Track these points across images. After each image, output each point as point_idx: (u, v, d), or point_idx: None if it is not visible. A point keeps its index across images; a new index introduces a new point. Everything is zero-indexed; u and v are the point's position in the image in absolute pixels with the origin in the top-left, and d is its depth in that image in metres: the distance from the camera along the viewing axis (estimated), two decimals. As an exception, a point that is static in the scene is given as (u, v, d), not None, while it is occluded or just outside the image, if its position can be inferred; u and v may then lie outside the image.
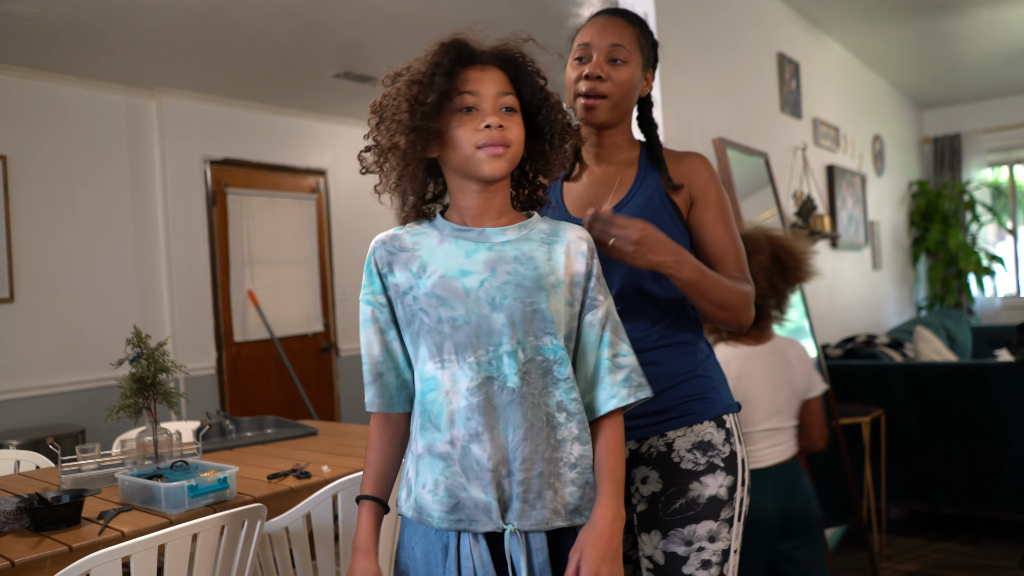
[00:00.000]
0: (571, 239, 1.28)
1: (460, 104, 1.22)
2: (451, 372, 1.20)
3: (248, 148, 5.23)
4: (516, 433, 1.18)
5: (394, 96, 1.24)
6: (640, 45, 1.53)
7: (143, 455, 2.23)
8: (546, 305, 1.22)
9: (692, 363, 1.51)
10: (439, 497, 1.20)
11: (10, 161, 4.17)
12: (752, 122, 3.81)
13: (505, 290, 1.21)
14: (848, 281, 5.11)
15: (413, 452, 1.26)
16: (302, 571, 1.90)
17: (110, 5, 3.45)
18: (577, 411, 1.23)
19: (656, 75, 1.65)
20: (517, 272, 1.22)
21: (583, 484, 1.22)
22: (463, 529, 1.19)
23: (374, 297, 1.28)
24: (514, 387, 1.19)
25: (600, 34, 1.51)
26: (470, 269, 1.22)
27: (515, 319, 1.20)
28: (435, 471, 1.20)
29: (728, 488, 1.45)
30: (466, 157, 1.22)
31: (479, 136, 1.21)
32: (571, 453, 1.21)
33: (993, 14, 4.78)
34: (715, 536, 1.43)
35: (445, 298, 1.21)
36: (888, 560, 3.51)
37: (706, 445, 1.46)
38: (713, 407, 1.49)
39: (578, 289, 1.27)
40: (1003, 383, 3.56)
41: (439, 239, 1.27)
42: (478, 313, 1.20)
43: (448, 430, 1.19)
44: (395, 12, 3.74)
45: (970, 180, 7.04)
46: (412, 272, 1.25)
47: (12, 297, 4.15)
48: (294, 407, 5.36)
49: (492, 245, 1.24)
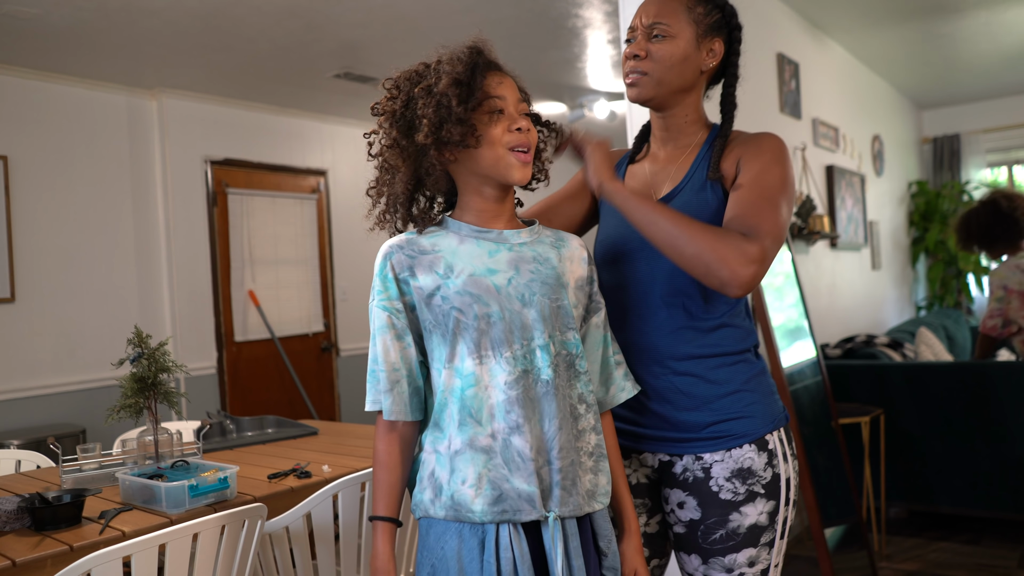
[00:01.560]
0: (574, 246, 1.38)
1: (491, 107, 1.26)
2: (488, 367, 1.23)
3: (249, 148, 5.23)
4: (552, 424, 1.24)
5: (433, 95, 1.24)
6: (694, 15, 1.42)
7: (144, 455, 2.24)
8: (567, 301, 1.30)
9: (734, 376, 1.41)
10: (482, 490, 1.21)
11: (11, 161, 4.18)
12: (751, 122, 3.82)
13: (532, 287, 1.27)
14: (847, 281, 5.12)
15: (440, 451, 1.25)
16: (302, 571, 1.90)
17: (111, 6, 3.46)
18: (593, 403, 1.32)
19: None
20: (539, 271, 1.29)
21: (597, 471, 1.29)
22: (506, 520, 1.21)
23: (390, 303, 1.28)
24: (548, 379, 1.25)
25: (642, 14, 1.45)
26: (496, 268, 1.27)
27: (545, 314, 1.26)
28: (477, 465, 1.22)
29: (769, 514, 1.39)
30: (497, 158, 1.26)
31: (510, 137, 1.26)
32: (589, 442, 1.29)
33: (992, 15, 4.79)
34: (755, 561, 1.40)
35: (479, 295, 1.24)
36: (887, 560, 3.51)
37: (746, 472, 1.38)
38: (754, 427, 1.39)
39: (582, 293, 1.36)
40: (1002, 383, 3.57)
41: (458, 240, 1.29)
42: (511, 309, 1.24)
43: (489, 424, 1.22)
44: (395, 13, 3.74)
45: (969, 180, 7.04)
46: (439, 273, 1.26)
47: (13, 297, 4.15)
48: (294, 407, 5.36)
49: (511, 246, 1.30)
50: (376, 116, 1.32)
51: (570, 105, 5.51)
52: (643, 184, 1.51)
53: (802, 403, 3.26)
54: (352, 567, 1.96)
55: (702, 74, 1.47)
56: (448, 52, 1.28)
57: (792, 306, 3.48)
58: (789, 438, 1.44)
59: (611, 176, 1.36)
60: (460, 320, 1.23)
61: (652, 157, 1.53)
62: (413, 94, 1.27)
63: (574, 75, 4.93)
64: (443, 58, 1.27)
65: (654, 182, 1.50)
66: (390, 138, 1.29)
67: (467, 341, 1.24)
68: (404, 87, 1.29)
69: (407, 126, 1.27)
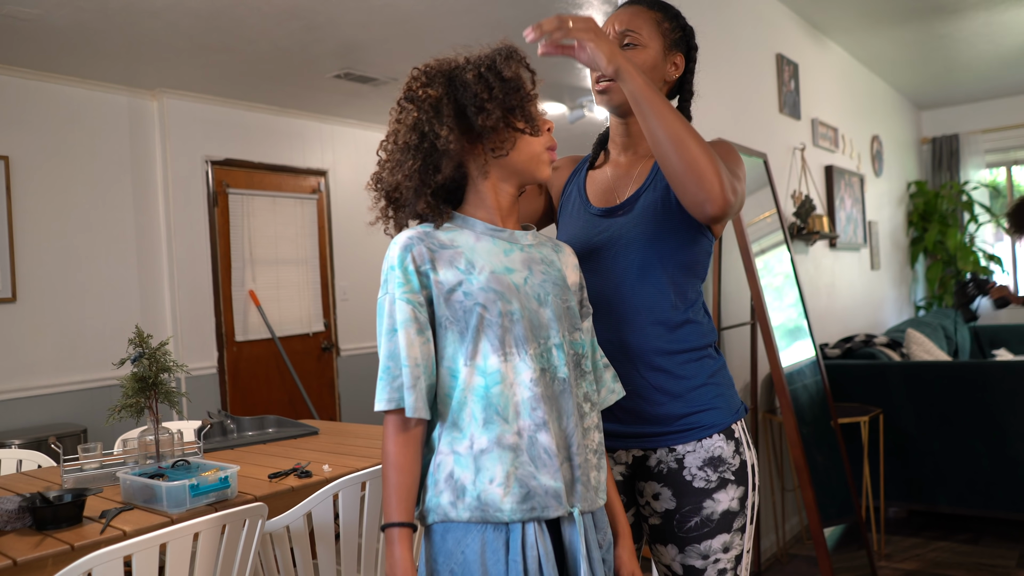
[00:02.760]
0: (568, 252, 1.41)
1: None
2: (513, 364, 1.23)
3: (249, 149, 5.24)
4: (570, 420, 1.26)
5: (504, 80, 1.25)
6: (662, 29, 1.51)
7: (145, 454, 2.25)
8: (574, 303, 1.33)
9: (701, 371, 1.48)
10: (511, 489, 1.19)
11: (12, 161, 4.18)
12: (751, 123, 3.83)
13: (546, 287, 1.29)
14: (847, 281, 5.12)
15: (460, 452, 1.22)
16: (303, 570, 1.91)
17: (112, 6, 3.46)
18: (596, 402, 1.35)
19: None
20: (549, 272, 1.31)
21: (600, 468, 1.32)
22: (534, 517, 1.20)
23: (413, 296, 1.23)
24: (564, 377, 1.26)
25: (613, 23, 1.52)
26: (512, 267, 1.28)
27: (559, 313, 1.29)
28: (504, 463, 1.20)
29: (739, 499, 1.46)
30: (534, 155, 1.29)
31: (547, 137, 1.30)
32: (594, 440, 1.32)
33: (991, 16, 4.79)
34: (729, 546, 1.46)
35: (502, 292, 1.24)
36: (886, 559, 3.52)
37: (716, 461, 1.45)
38: (722, 418, 1.47)
39: (576, 297, 1.37)
40: (1001, 383, 3.58)
41: (475, 237, 1.29)
42: (529, 308, 1.25)
43: (515, 421, 1.21)
44: (396, 13, 3.75)
45: (968, 180, 7.05)
46: (460, 268, 1.24)
47: (14, 297, 4.16)
48: (295, 406, 5.37)
49: (523, 247, 1.32)
50: (409, 103, 1.26)
51: (570, 105, 5.52)
52: (605, 188, 1.56)
53: (801, 403, 3.26)
54: (352, 567, 1.97)
55: (665, 84, 1.54)
56: (486, 49, 1.28)
57: (791, 306, 3.48)
58: (746, 428, 1.54)
59: (626, 58, 1.32)
60: (484, 316, 1.22)
61: (613, 163, 1.59)
62: (466, 80, 1.24)
63: (574, 75, 4.94)
64: (484, 54, 1.27)
65: (616, 186, 1.55)
66: (432, 125, 1.23)
67: (491, 338, 1.22)
68: (442, 76, 1.26)
69: (459, 111, 1.24)
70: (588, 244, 1.51)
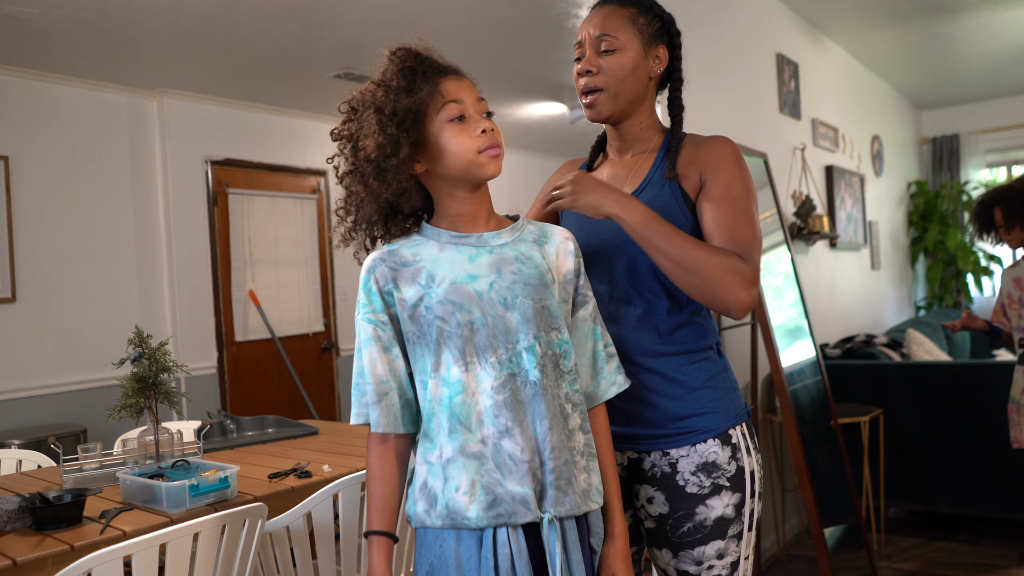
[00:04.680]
0: (559, 240, 1.36)
1: (450, 114, 1.26)
2: (475, 374, 1.23)
3: (249, 148, 5.24)
4: (543, 424, 1.23)
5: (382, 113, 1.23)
6: (638, 26, 1.48)
7: (144, 454, 2.25)
8: (552, 301, 1.29)
9: (698, 374, 1.45)
10: (476, 496, 1.21)
11: (12, 161, 4.18)
12: (751, 122, 3.83)
13: (515, 289, 1.26)
14: (847, 281, 5.12)
15: (432, 461, 1.24)
16: (303, 570, 1.91)
17: (111, 6, 3.46)
18: (579, 402, 1.31)
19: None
20: (521, 272, 1.28)
21: (589, 470, 1.29)
22: (502, 524, 1.21)
23: (375, 316, 1.27)
24: (536, 380, 1.24)
25: (588, 28, 1.50)
26: (477, 273, 1.26)
27: (528, 316, 1.25)
28: (469, 471, 1.21)
29: (735, 506, 1.43)
30: (468, 163, 1.25)
31: (478, 141, 1.25)
32: (579, 441, 1.29)
33: (991, 16, 4.79)
34: (723, 553, 1.43)
35: (460, 303, 1.23)
36: (887, 559, 3.52)
37: (710, 466, 1.42)
38: (718, 423, 1.44)
39: (570, 286, 1.35)
40: (1001, 383, 3.57)
41: (439, 248, 1.28)
42: (493, 314, 1.24)
43: (478, 429, 1.22)
44: (396, 13, 3.75)
45: (968, 180, 7.05)
46: (421, 284, 1.25)
47: (14, 297, 4.16)
48: (295, 406, 5.37)
49: (492, 248, 1.29)
50: (335, 141, 1.31)
51: (570, 105, 5.51)
52: None
53: (801, 403, 3.26)
54: (352, 567, 1.97)
55: (651, 80, 1.52)
56: (390, 65, 1.27)
57: (791, 306, 3.48)
58: (752, 433, 1.49)
59: (615, 201, 1.37)
60: (443, 329, 1.23)
61: (611, 165, 1.59)
62: (364, 117, 1.26)
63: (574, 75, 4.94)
64: (386, 72, 1.26)
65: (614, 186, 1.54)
66: (349, 163, 1.28)
67: (452, 349, 1.23)
68: (353, 112, 1.28)
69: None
70: (586, 245, 1.50)
